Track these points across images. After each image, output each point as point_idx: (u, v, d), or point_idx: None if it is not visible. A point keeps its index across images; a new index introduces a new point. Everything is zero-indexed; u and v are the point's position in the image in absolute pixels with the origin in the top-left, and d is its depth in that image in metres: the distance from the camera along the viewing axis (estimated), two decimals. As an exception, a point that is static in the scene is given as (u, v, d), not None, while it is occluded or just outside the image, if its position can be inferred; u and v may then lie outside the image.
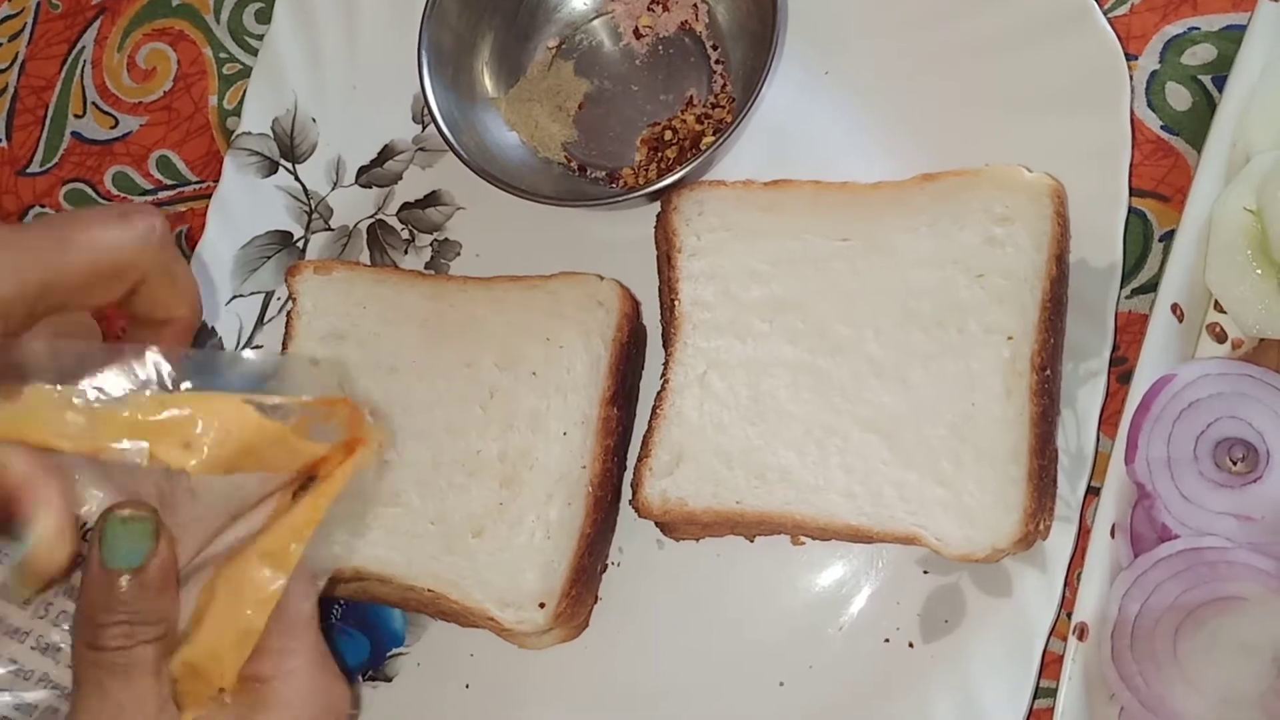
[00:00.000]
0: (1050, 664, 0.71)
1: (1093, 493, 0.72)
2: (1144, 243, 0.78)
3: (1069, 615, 0.69)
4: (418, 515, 0.77)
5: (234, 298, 0.91)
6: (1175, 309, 0.71)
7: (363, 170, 0.92)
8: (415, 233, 0.90)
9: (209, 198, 0.93)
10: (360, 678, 0.81)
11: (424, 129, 0.91)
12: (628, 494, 0.77)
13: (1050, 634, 0.71)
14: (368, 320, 0.83)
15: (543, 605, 0.74)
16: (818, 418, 0.74)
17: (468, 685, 0.80)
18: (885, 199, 0.77)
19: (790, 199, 0.78)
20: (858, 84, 0.84)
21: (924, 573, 0.74)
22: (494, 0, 0.88)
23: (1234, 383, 0.68)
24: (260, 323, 0.90)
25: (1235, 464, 0.68)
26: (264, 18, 0.99)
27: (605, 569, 0.79)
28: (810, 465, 0.73)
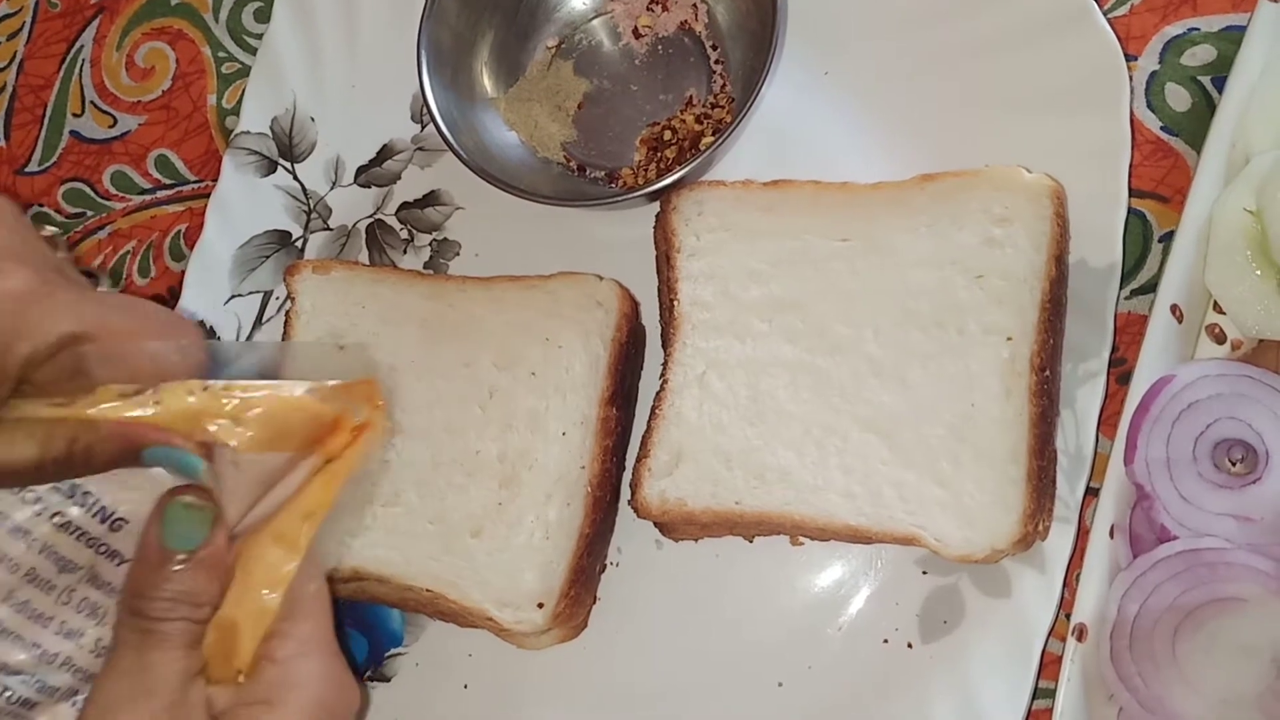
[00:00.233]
0: (1049, 664, 0.71)
1: (1092, 493, 0.72)
2: (1143, 243, 0.78)
3: (1068, 616, 0.69)
4: (416, 515, 0.77)
5: (232, 297, 0.91)
6: (1174, 310, 0.71)
7: (361, 170, 0.92)
8: (414, 232, 0.90)
9: (207, 197, 0.92)
10: (359, 678, 0.81)
11: (423, 128, 0.91)
12: (626, 494, 0.77)
13: (1049, 634, 0.71)
14: (366, 320, 0.83)
15: (541, 605, 0.74)
16: (817, 418, 0.74)
17: (466, 685, 0.80)
18: (885, 199, 0.77)
19: (789, 199, 0.78)
20: (857, 84, 0.84)
21: (923, 573, 0.74)
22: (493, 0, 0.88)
23: (1233, 384, 0.68)
24: (259, 322, 0.90)
25: (1234, 465, 0.68)
26: (263, 17, 0.98)
27: (604, 569, 0.79)
28: (809, 465, 0.73)
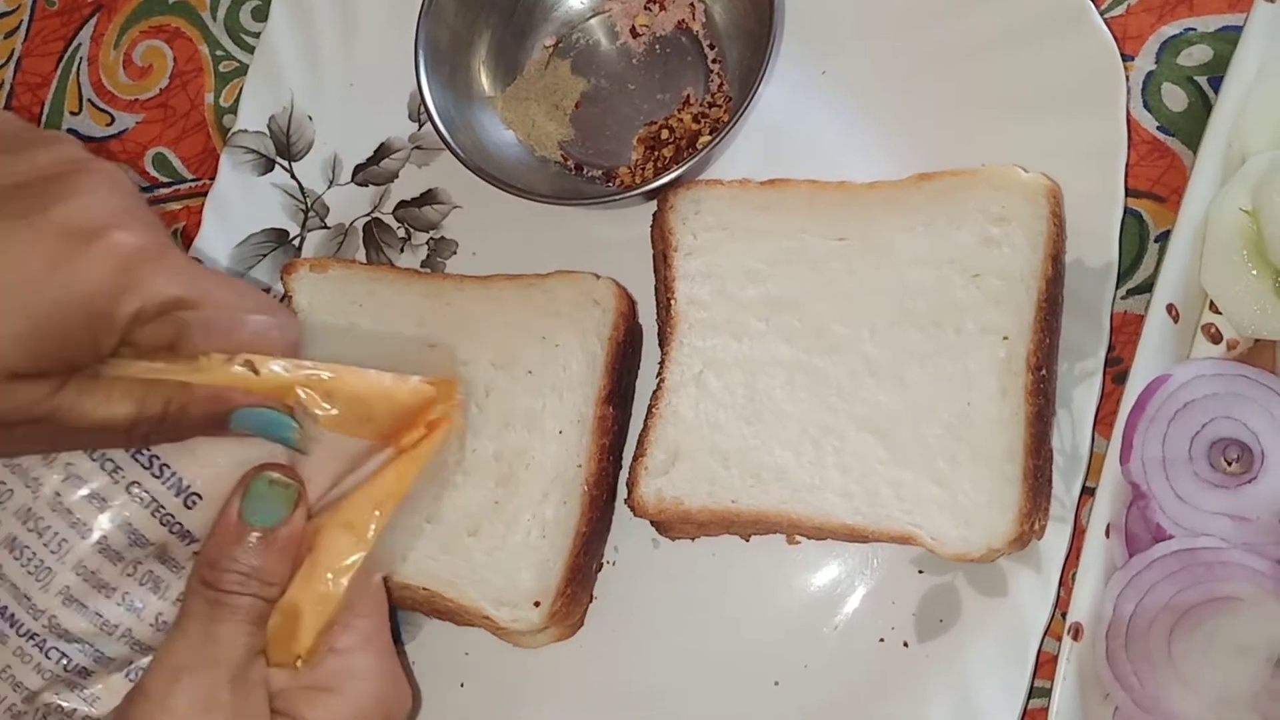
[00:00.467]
0: (1045, 664, 0.71)
1: (1088, 493, 0.72)
2: (1140, 243, 0.78)
3: (1064, 615, 0.69)
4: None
5: (230, 295, 0.91)
6: (1170, 309, 0.71)
7: (359, 168, 0.92)
8: (411, 231, 0.90)
9: (205, 195, 0.92)
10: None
11: (420, 127, 0.91)
12: (623, 493, 0.77)
13: (1045, 634, 0.71)
14: (363, 318, 0.83)
15: (538, 604, 0.74)
16: (814, 417, 0.74)
17: (463, 684, 0.80)
18: (882, 199, 0.77)
19: (787, 198, 0.78)
20: (854, 84, 0.84)
21: (919, 572, 0.74)
22: (491, -2, 0.88)
23: (1229, 383, 0.69)
24: (256, 321, 0.90)
25: (1230, 464, 0.68)
26: (260, 15, 0.98)
27: (600, 568, 0.79)
28: (806, 464, 0.73)
